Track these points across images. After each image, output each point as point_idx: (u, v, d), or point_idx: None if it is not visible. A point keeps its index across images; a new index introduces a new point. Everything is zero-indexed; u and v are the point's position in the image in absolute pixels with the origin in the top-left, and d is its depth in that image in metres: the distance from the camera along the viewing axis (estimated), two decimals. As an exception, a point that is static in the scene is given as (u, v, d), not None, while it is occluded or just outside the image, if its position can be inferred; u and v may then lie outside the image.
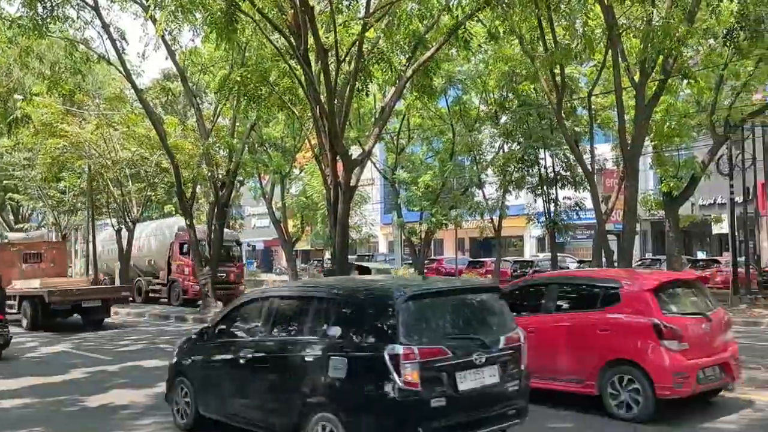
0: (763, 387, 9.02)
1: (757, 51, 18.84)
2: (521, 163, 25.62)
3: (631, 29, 12.23)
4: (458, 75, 26.62)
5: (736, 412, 7.97)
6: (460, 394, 5.68)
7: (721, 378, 7.90)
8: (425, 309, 5.93)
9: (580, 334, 8.08)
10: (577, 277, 10.04)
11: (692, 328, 7.69)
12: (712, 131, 22.19)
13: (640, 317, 7.64)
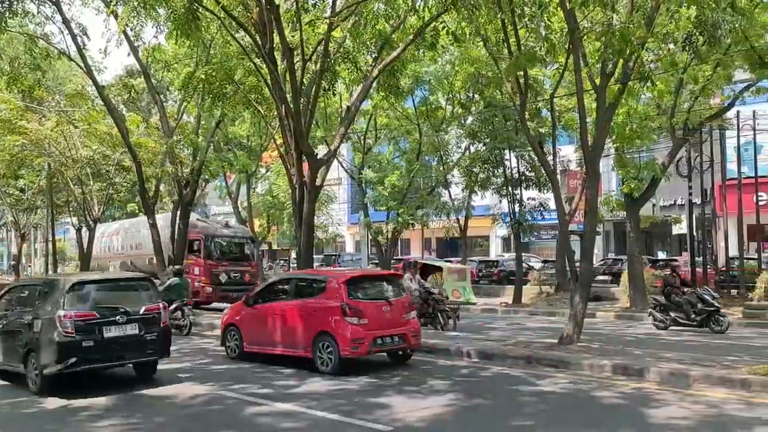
0: (717, 384, 9.24)
1: (714, 56, 19.32)
2: (487, 164, 25.84)
3: (592, 33, 12.40)
4: (425, 75, 26.74)
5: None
6: (105, 339, 9.70)
7: (399, 344, 11.25)
8: (83, 290, 10.04)
9: (302, 314, 11.32)
10: (305, 275, 12.81)
11: (371, 309, 10.94)
12: (671, 134, 22.65)
13: (335, 301, 10.85)
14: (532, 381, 10.00)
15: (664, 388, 9.29)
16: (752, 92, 22.29)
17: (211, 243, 23.11)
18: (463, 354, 12.26)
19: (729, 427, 7.33)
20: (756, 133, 26.09)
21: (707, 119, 23.33)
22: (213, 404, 8.99)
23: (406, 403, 8.73)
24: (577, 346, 12.23)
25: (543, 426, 7.69)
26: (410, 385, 9.92)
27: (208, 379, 10.68)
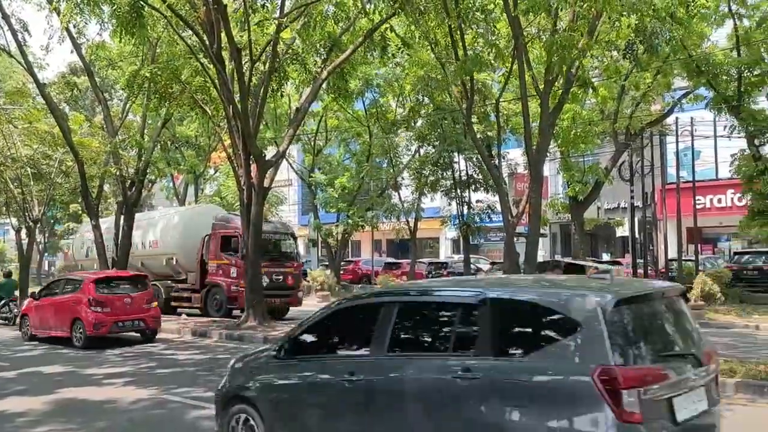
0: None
1: (654, 64, 20.00)
2: (436, 167, 26.11)
3: (537, 39, 12.68)
4: (375, 78, 26.85)
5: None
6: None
7: (139, 326, 15.20)
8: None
9: (65, 305, 15.04)
10: (71, 276, 17.18)
11: (113, 301, 14.78)
12: (614, 139, 23.33)
13: (85, 296, 14.65)
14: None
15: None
16: (690, 99, 23.18)
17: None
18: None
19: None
20: (694, 139, 27.02)
21: (648, 125, 24.09)
22: (157, 409, 8.85)
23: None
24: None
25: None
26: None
27: (152, 382, 10.52)
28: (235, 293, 19.23)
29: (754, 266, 24.66)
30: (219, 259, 19.90)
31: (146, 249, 22.49)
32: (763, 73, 20.03)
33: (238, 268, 19.05)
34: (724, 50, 20.93)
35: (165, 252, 21.71)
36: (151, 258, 22.33)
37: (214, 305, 20.07)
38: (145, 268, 21.72)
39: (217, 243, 19.93)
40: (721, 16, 20.18)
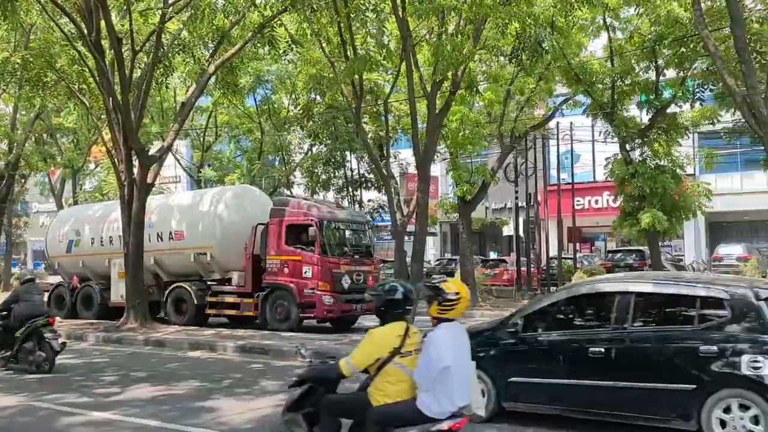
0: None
1: (538, 70, 20.85)
2: (328, 165, 26.08)
3: (425, 42, 12.92)
4: (267, 74, 26.46)
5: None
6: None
7: None
8: None
9: None
10: None
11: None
12: (500, 141, 24.13)
13: None
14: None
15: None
16: (569, 105, 24.33)
17: (328, 231, 15.89)
18: (296, 354, 12.23)
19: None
20: (573, 143, 28.49)
21: (531, 128, 25.08)
22: (24, 416, 8.31)
23: (235, 406, 8.57)
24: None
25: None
26: (241, 387, 9.77)
27: (20, 389, 9.87)
28: (311, 298, 15.38)
29: (625, 263, 26.38)
30: (284, 254, 15.78)
31: (163, 242, 17.86)
32: (633, 83, 21.31)
33: (314, 266, 15.43)
34: (599, 60, 22.10)
35: (194, 245, 17.30)
36: (171, 253, 17.86)
37: (277, 313, 15.86)
38: (160, 265, 18.12)
39: (281, 233, 15.83)
40: (597, 27, 21.30)
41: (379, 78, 22.29)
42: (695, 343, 6.20)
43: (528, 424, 7.21)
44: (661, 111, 21.37)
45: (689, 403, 6.10)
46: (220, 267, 17.16)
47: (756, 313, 6.06)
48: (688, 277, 8.07)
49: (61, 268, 21.06)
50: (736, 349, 5.97)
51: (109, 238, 19.19)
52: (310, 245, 15.54)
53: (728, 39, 10.85)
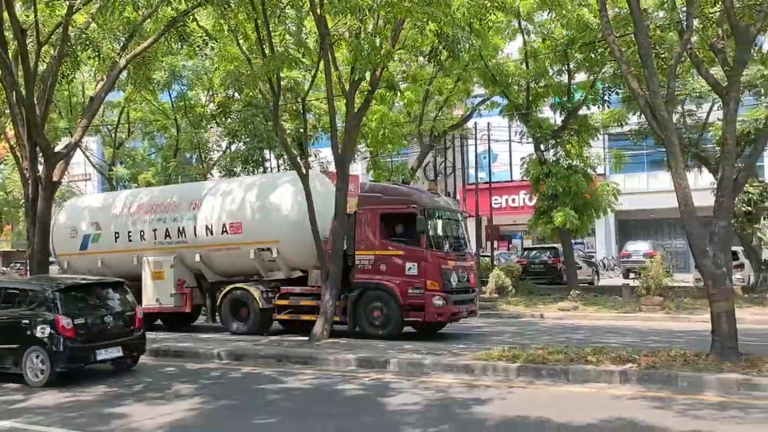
0: (447, 370, 10.13)
1: (456, 70, 21.22)
2: (247, 163, 25.64)
3: (343, 40, 12.91)
4: (182, 70, 25.79)
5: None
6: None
7: None
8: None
9: None
10: None
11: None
12: (420, 140, 24.43)
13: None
14: (281, 379, 10.12)
15: (401, 377, 9.94)
16: (487, 106, 24.87)
17: (432, 222, 13.81)
18: (213, 356, 12.04)
19: (451, 407, 8.04)
20: (491, 143, 29.13)
21: (450, 128, 25.53)
22: None
23: (146, 411, 8.33)
24: (327, 342, 12.63)
25: (286, 421, 7.81)
26: (153, 392, 9.51)
27: None
28: (417, 299, 13.31)
29: (540, 260, 27.15)
30: (380, 248, 13.65)
31: (213, 236, 15.35)
32: (547, 86, 22.01)
33: (421, 262, 13.28)
34: (515, 62, 22.70)
35: (255, 240, 14.90)
36: (224, 249, 15.38)
37: (373, 318, 13.70)
38: (207, 264, 15.72)
39: (375, 224, 13.68)
40: (513, 30, 21.87)
41: (298, 76, 22.07)
42: (20, 318, 10.17)
43: None
44: (573, 113, 22.15)
45: (17, 355, 10.02)
46: (287, 264, 14.79)
47: (46, 299, 10.18)
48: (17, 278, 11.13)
49: (73, 269, 17.64)
50: (36, 322, 9.96)
51: (140, 232, 16.39)
52: (408, 237, 13.60)
53: (634, 44, 11.31)
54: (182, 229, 15.73)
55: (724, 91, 10.12)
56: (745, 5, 9.94)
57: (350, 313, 13.77)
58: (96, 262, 16.97)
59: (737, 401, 7.87)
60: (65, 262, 17.87)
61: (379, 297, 13.62)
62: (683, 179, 9.87)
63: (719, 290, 9.61)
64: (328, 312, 13.05)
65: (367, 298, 13.70)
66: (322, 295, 13.31)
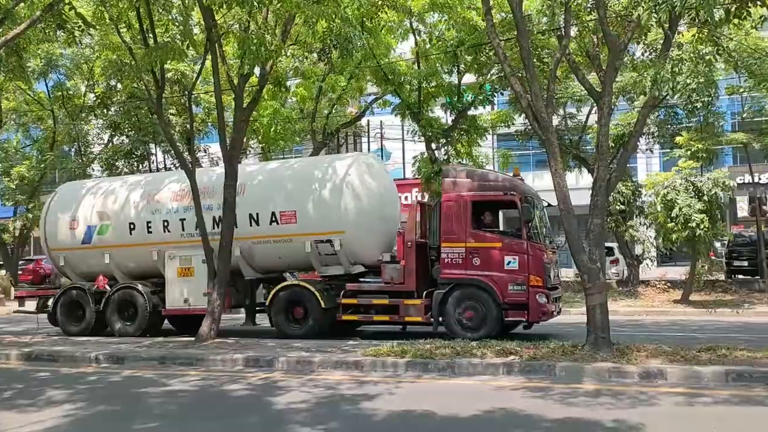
0: (336, 367, 10.13)
1: (348, 68, 21.25)
2: (130, 158, 24.62)
3: (231, 33, 12.60)
4: (60, 58, 24.40)
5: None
6: None
7: None
8: None
9: None
10: None
11: None
12: (312, 137, 24.29)
13: None
14: (164, 381, 9.75)
15: (290, 376, 9.85)
16: (380, 104, 25.05)
17: (533, 212, 12.51)
18: (91, 360, 11.46)
19: (340, 404, 8.03)
20: (384, 141, 29.42)
21: (343, 126, 25.54)
22: None
23: (16, 419, 7.79)
24: (214, 343, 12.32)
25: (168, 426, 7.54)
26: (24, 398, 8.92)
27: None
28: (519, 297, 12.04)
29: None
30: (472, 239, 12.29)
31: (260, 226, 13.66)
32: (438, 86, 22.44)
33: (522, 256, 12.05)
34: (407, 61, 23.00)
35: (314, 230, 13.27)
36: (272, 241, 13.65)
37: (466, 318, 12.27)
38: (248, 258, 13.89)
39: (465, 213, 12.36)
40: (405, 30, 22.15)
41: (186, 68, 21.43)
42: None
43: None
44: (462, 113, 22.72)
45: None
46: (350, 258, 13.29)
47: None
48: None
49: (70, 266, 15.43)
50: None
51: (163, 223, 14.32)
52: (501, 228, 12.67)
53: (518, 48, 11.72)
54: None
55: (599, 95, 10.69)
56: (618, 15, 10.54)
57: (436, 313, 12.32)
58: (102, 258, 14.79)
59: (609, 388, 8.33)
60: (61, 258, 15.33)
61: (472, 295, 12.20)
62: (562, 179, 10.35)
63: (594, 284, 10.14)
64: (215, 311, 12.73)
65: (458, 296, 12.27)
66: (209, 294, 12.95)
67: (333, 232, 13.06)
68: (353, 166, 13.51)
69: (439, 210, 12.63)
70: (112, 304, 14.48)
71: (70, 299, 15.00)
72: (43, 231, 15.49)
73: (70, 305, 14.98)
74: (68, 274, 15.63)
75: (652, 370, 8.86)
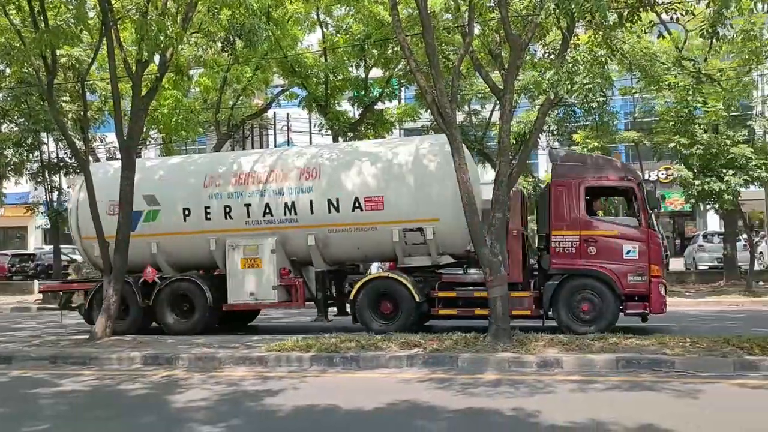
0: (240, 363, 9.94)
1: (254, 59, 20.87)
2: (20, 147, 23.22)
3: (128, 18, 12.08)
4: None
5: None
6: None
7: None
8: None
9: None
10: None
11: None
12: (216, 128, 23.70)
13: None
14: (56, 382, 9.27)
15: (192, 373, 9.58)
16: (287, 96, 24.76)
17: (656, 198, 11.95)
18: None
19: (242, 401, 7.88)
20: (291, 134, 29.12)
21: (249, 117, 25.08)
22: None
23: None
24: (110, 341, 11.82)
25: (60, 427, 7.16)
26: None
27: None
28: (639, 288, 11.39)
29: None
30: (586, 227, 11.64)
31: (340, 213, 12.49)
32: (345, 79, 22.39)
33: (642, 244, 11.43)
34: (314, 54, 22.81)
35: (404, 217, 12.19)
36: (353, 229, 12.51)
37: (581, 311, 11.59)
38: (322, 248, 12.68)
39: (577, 199, 11.70)
40: (312, 23, 21.95)
41: (81, 53, 20.36)
42: None
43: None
44: (369, 107, 22.78)
45: None
46: (442, 247, 12.31)
47: None
48: None
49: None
50: None
51: (225, 208, 12.95)
52: (632, 215, 11.93)
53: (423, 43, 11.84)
54: (290, 205, 12.48)
55: (501, 93, 10.97)
56: (519, 15, 10.84)
57: (547, 306, 11.71)
58: (148, 248, 13.22)
59: (509, 378, 8.58)
60: (96, 248, 13.11)
61: (587, 286, 11.54)
62: (465, 173, 10.55)
63: (495, 277, 10.41)
64: (111, 308, 12.20)
65: (572, 288, 11.58)
66: (105, 290, 12.39)
67: (426, 219, 12.05)
68: (441, 147, 12.11)
69: (549, 196, 11.93)
70: (164, 299, 13.13)
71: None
72: (75, 218, 13.81)
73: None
74: (103, 265, 13.42)
75: (549, 359, 9.20)
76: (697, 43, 20.84)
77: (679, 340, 9.70)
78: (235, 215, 12.95)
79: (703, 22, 10.23)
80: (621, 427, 6.19)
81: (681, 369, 8.61)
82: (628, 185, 11.78)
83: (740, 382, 8.06)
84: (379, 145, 14.13)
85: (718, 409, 6.97)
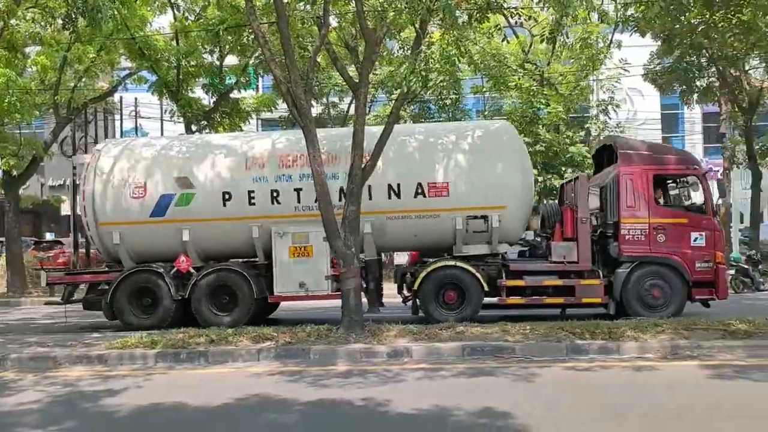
0: (78, 362, 9.34)
1: (98, 39, 19.61)
2: None
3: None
4: None
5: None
6: None
7: None
8: None
9: None
10: None
11: None
12: (55, 111, 22.05)
13: None
14: None
15: (23, 374, 8.90)
16: (134, 80, 23.47)
17: (725, 187, 11.70)
18: None
19: (78, 402, 7.39)
20: (139, 120, 27.71)
21: (92, 101, 23.53)
22: None
23: None
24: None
25: None
26: None
27: None
28: (706, 275, 11.78)
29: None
30: (656, 215, 11.88)
31: (401, 199, 11.97)
32: (198, 65, 21.61)
33: (708, 232, 11.80)
34: (165, 37, 21.80)
35: (469, 204, 11.91)
36: (413, 216, 11.98)
37: (652, 298, 11.79)
38: (376, 235, 11.98)
39: (646, 187, 11.87)
40: (162, 4, 20.97)
41: None
42: None
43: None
44: (224, 95, 22.15)
45: None
46: (504, 236, 12.13)
47: None
48: None
49: (127, 245, 12.38)
50: None
51: (272, 193, 12.06)
52: (680, 202, 12.47)
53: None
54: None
55: (356, 86, 11.04)
56: (373, 9, 10.94)
57: (618, 293, 11.80)
58: (179, 235, 12.11)
59: (360, 368, 8.70)
60: (115, 235, 12.18)
61: (657, 273, 11.85)
62: (320, 165, 10.54)
63: (348, 269, 10.50)
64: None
65: (641, 275, 11.84)
66: None
67: (493, 207, 11.92)
68: (508, 133, 12.53)
69: (617, 184, 12.06)
70: (202, 291, 12.10)
71: (136, 286, 12.26)
72: (92, 200, 12.39)
73: (135, 293, 12.28)
74: (122, 255, 12.51)
75: (399, 348, 9.42)
76: (542, 47, 22.25)
77: (520, 328, 10.28)
78: (284, 201, 12.22)
79: (544, 28, 10.87)
80: (463, 412, 6.46)
81: (520, 355, 9.16)
82: (694, 173, 12.35)
83: (571, 365, 8.69)
84: (439, 129, 13.95)
85: (551, 390, 7.47)
